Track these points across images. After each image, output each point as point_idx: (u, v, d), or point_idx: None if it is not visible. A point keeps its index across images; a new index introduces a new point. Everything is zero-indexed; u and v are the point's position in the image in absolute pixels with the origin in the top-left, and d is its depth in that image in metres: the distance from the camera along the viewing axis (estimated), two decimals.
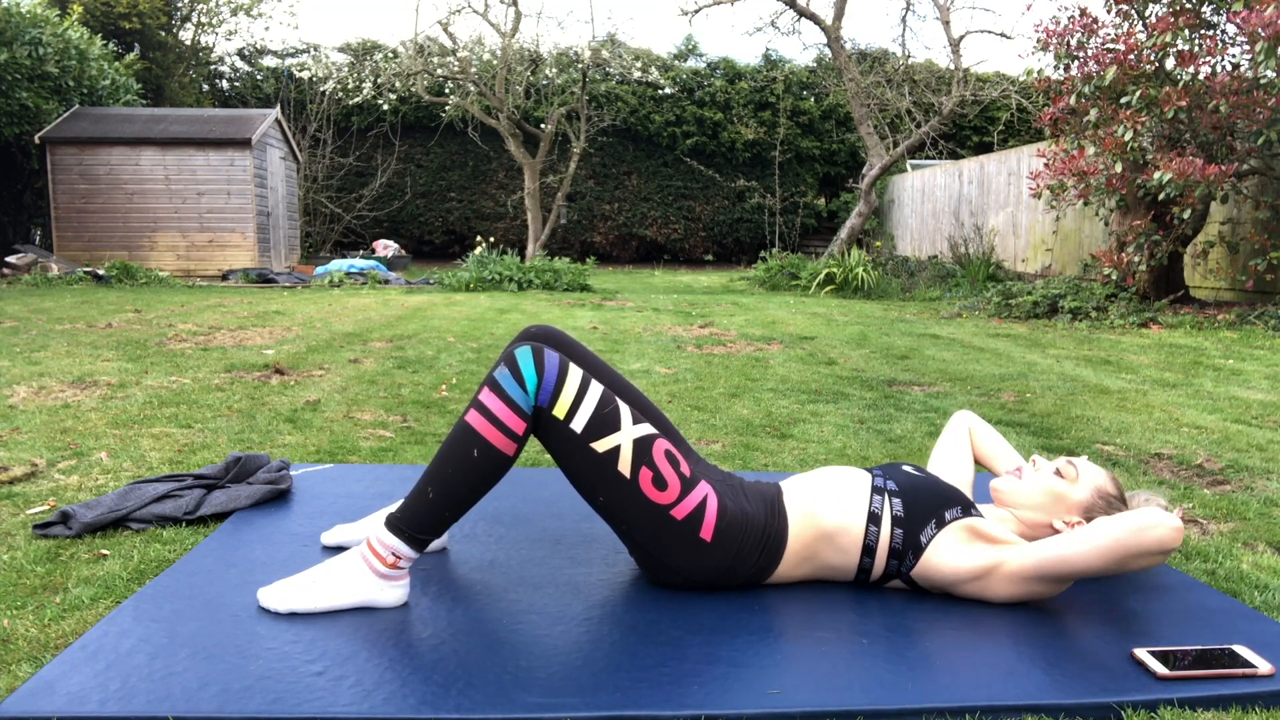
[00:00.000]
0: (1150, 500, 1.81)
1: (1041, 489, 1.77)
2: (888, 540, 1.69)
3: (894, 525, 1.70)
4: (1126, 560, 1.54)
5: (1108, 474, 1.81)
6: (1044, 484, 1.78)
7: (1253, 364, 4.95)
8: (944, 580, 1.69)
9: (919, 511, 1.70)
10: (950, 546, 1.68)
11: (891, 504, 1.71)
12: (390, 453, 2.81)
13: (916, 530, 1.69)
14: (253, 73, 18.39)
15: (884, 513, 1.70)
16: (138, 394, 3.62)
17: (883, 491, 1.73)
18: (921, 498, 1.71)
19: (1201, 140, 7.20)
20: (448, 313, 7.32)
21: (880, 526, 1.70)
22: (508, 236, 18.13)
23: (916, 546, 1.69)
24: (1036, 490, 1.78)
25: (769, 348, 5.50)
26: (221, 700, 1.29)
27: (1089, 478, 1.78)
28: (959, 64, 12.79)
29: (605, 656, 1.46)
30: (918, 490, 1.73)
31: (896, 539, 1.69)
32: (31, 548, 1.91)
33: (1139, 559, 1.54)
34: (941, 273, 11.48)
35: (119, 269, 10.42)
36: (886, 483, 1.75)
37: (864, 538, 1.70)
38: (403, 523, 1.61)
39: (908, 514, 1.70)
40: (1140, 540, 1.52)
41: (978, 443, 2.07)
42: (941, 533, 1.68)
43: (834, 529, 1.71)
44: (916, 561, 1.69)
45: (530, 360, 1.61)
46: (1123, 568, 1.56)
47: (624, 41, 15.38)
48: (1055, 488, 1.76)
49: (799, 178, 18.75)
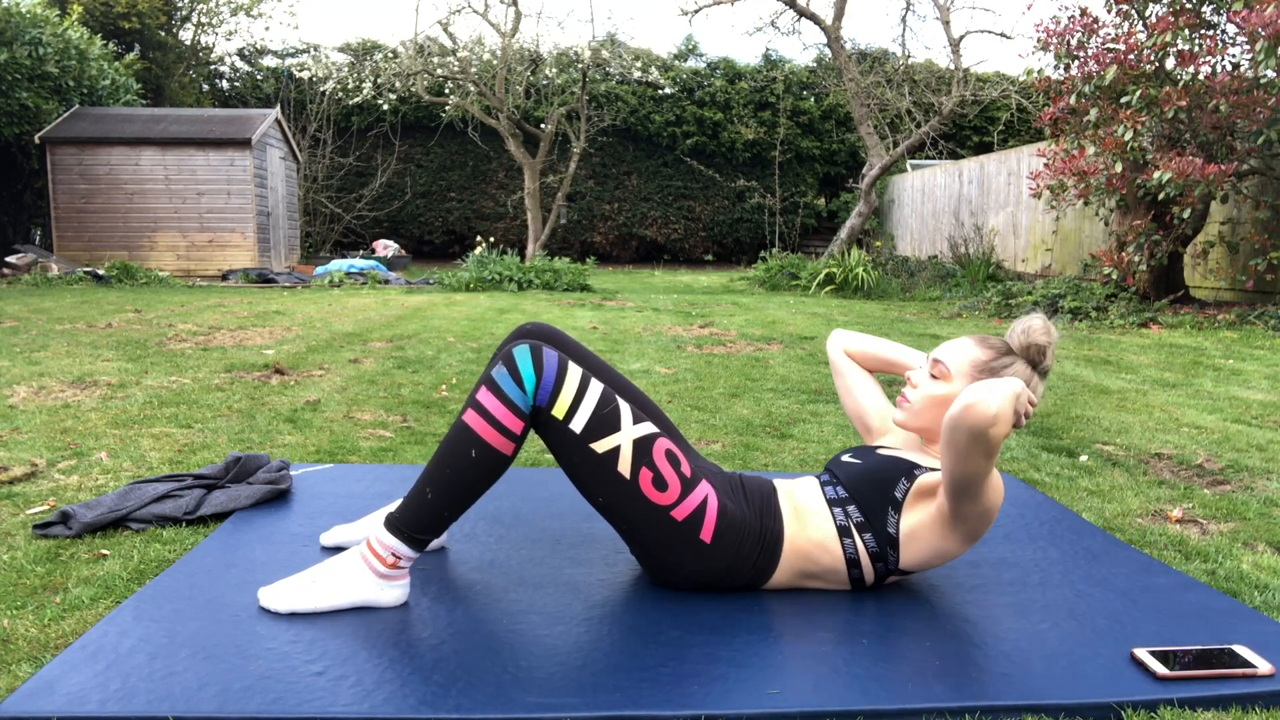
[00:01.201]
0: (1025, 326, 1.73)
1: (927, 402, 1.72)
2: (864, 548, 1.69)
3: (860, 531, 1.68)
4: (972, 445, 1.45)
5: (971, 340, 1.74)
6: (926, 396, 1.72)
7: (1253, 364, 4.95)
8: (926, 555, 1.67)
9: (874, 505, 1.68)
10: (915, 523, 1.65)
11: (849, 512, 1.69)
12: (390, 453, 2.81)
13: (881, 524, 1.67)
14: (253, 73, 18.38)
15: (849, 523, 1.69)
16: (138, 394, 3.62)
17: (837, 502, 1.71)
18: (870, 490, 1.69)
19: (1201, 140, 7.19)
20: (448, 313, 7.31)
21: (852, 538, 1.69)
22: (508, 236, 18.13)
23: (890, 540, 1.67)
24: (924, 407, 1.73)
25: (769, 348, 5.50)
26: (221, 700, 1.29)
27: (959, 360, 1.71)
28: (959, 64, 12.79)
29: (605, 656, 1.46)
30: (863, 483, 1.70)
31: (870, 543, 1.68)
32: (31, 548, 1.91)
33: (980, 442, 1.45)
34: (941, 273, 11.48)
35: (119, 269, 10.42)
36: (837, 490, 1.73)
37: (844, 553, 1.69)
38: (402, 523, 1.61)
39: (867, 514, 1.68)
40: (967, 422, 1.44)
41: (862, 359, 2.00)
42: (904, 515, 1.66)
43: (818, 543, 1.71)
44: (898, 554, 1.68)
45: (529, 359, 1.60)
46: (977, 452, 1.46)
47: (624, 41, 15.38)
48: (936, 393, 1.71)
49: (799, 178, 18.75)
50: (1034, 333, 1.72)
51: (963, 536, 1.64)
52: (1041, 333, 1.72)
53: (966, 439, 1.46)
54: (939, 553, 1.67)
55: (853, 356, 2.01)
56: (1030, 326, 1.73)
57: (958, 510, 1.59)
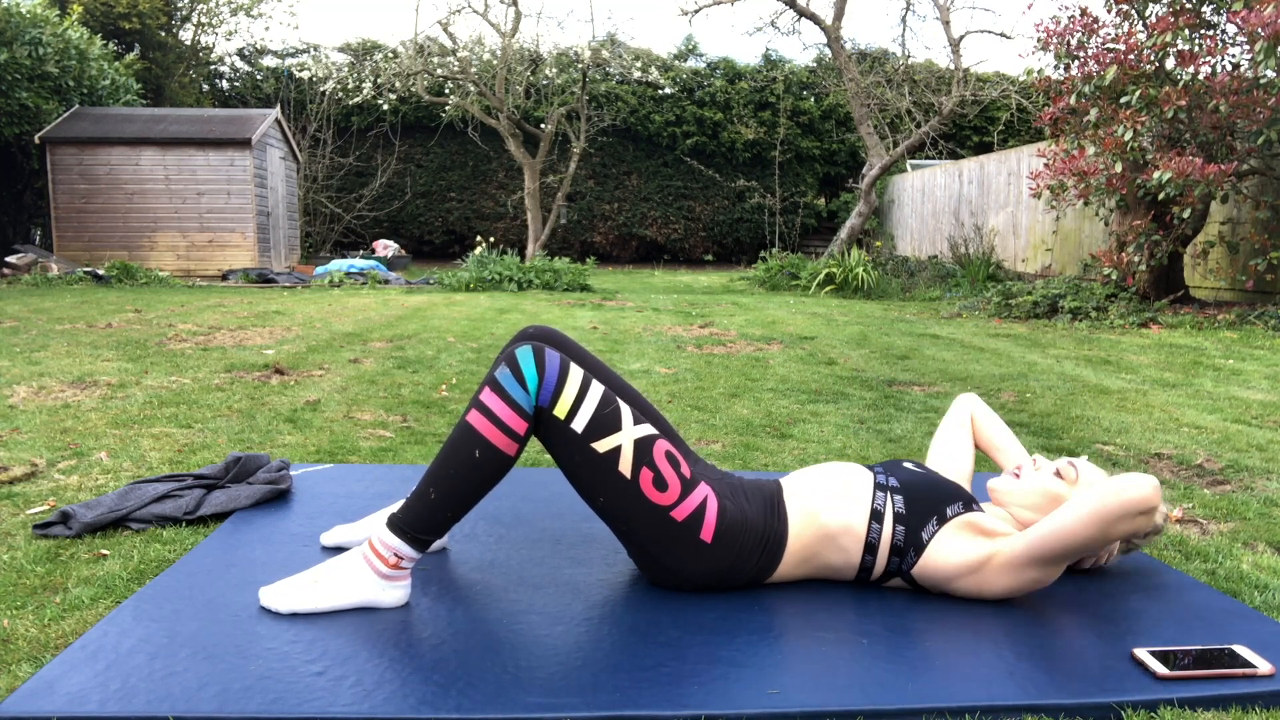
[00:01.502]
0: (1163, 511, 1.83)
1: (1040, 490, 1.76)
2: (889, 537, 1.69)
3: (895, 522, 1.69)
4: (1110, 524, 1.53)
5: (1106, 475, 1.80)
6: (1042, 485, 1.76)
7: (1253, 364, 4.95)
8: (943, 575, 1.68)
9: (921, 508, 1.69)
10: (950, 543, 1.67)
11: (894, 500, 1.70)
12: (390, 453, 2.81)
13: (918, 527, 1.68)
14: (253, 73, 18.38)
15: (886, 509, 1.70)
16: (138, 394, 3.62)
17: (885, 488, 1.72)
18: (923, 494, 1.71)
19: (1201, 140, 7.20)
20: (448, 313, 7.31)
21: (883, 524, 1.69)
22: (508, 236, 18.13)
23: (918, 543, 1.68)
24: (1034, 491, 1.76)
25: (769, 348, 5.50)
26: (221, 700, 1.29)
27: (1087, 480, 1.76)
28: (959, 64, 12.79)
29: (605, 656, 1.46)
30: (919, 487, 1.72)
31: (898, 535, 1.69)
32: (31, 548, 1.91)
33: (1121, 521, 1.53)
34: (941, 273, 11.48)
35: (119, 269, 10.42)
36: (888, 479, 1.74)
37: (866, 535, 1.69)
38: (404, 523, 1.61)
39: (909, 510, 1.69)
40: (1120, 500, 1.51)
41: (980, 429, 2.04)
42: (943, 529, 1.68)
43: (836, 528, 1.71)
44: (918, 559, 1.68)
45: (531, 360, 1.61)
46: (1108, 534, 1.55)
47: (624, 41, 15.39)
48: (1053, 489, 1.75)
49: (799, 178, 18.75)
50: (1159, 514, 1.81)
51: (998, 588, 1.67)
52: (1162, 517, 1.82)
53: (1116, 511, 1.52)
54: (949, 580, 1.69)
55: (975, 421, 2.06)
56: (1162, 510, 1.81)
57: (1027, 573, 1.64)
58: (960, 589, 1.69)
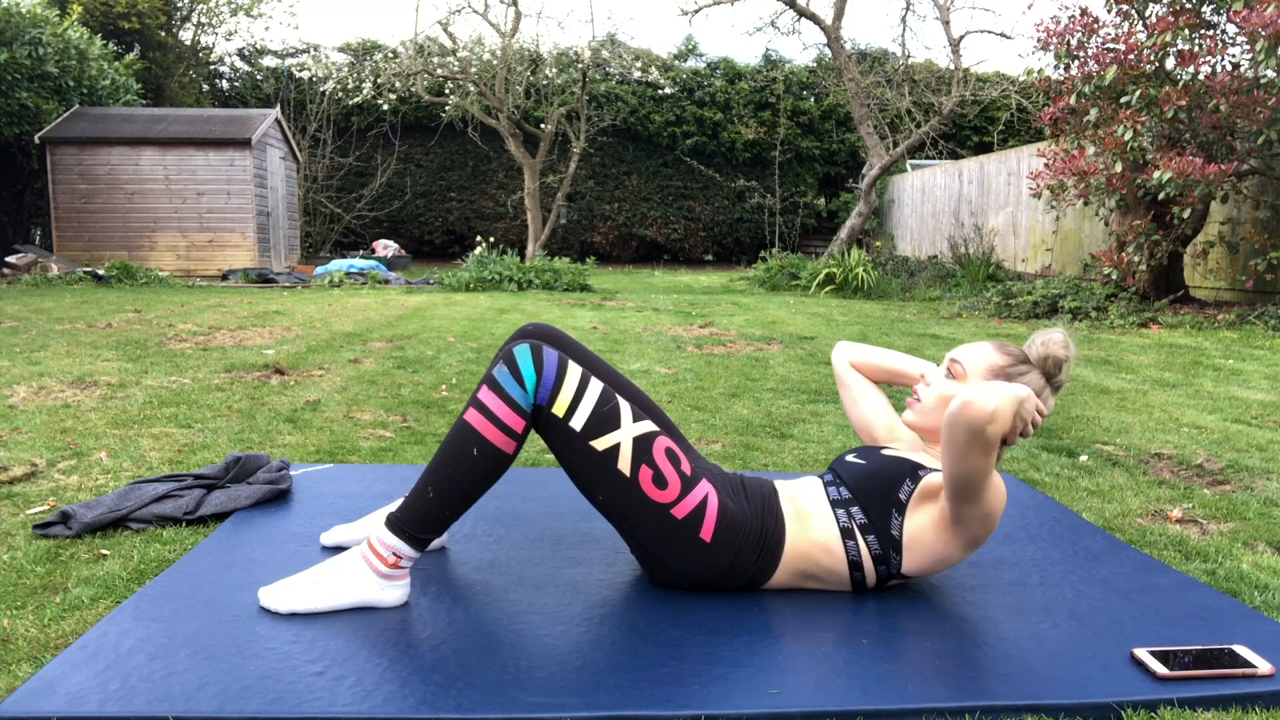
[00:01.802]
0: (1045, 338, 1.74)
1: (939, 402, 1.72)
2: (867, 550, 1.68)
3: (863, 533, 1.68)
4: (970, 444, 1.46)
5: (992, 345, 1.74)
6: (938, 394, 1.72)
7: (1253, 364, 4.95)
8: (932, 562, 1.67)
9: (877, 506, 1.67)
10: (918, 525, 1.65)
11: (853, 513, 1.69)
12: (390, 453, 2.81)
13: (885, 527, 1.67)
14: (253, 73, 18.38)
15: (852, 524, 1.68)
16: (138, 394, 3.62)
17: (841, 503, 1.70)
18: (874, 491, 1.68)
19: (1201, 140, 7.19)
20: (448, 313, 7.31)
21: (855, 539, 1.68)
22: (508, 236, 18.13)
23: (894, 543, 1.67)
24: (936, 406, 1.72)
25: (769, 348, 5.50)
26: (221, 700, 1.29)
27: (974, 366, 1.71)
28: (959, 64, 12.79)
29: (605, 656, 1.46)
30: (866, 483, 1.70)
31: (873, 545, 1.68)
32: (31, 548, 1.91)
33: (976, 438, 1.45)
34: (941, 273, 11.48)
35: (119, 269, 10.42)
36: (840, 490, 1.72)
37: (846, 554, 1.69)
38: (403, 522, 1.61)
39: (870, 516, 1.67)
40: (965, 419, 1.44)
41: (867, 370, 1.99)
42: (906, 517, 1.65)
43: (820, 544, 1.70)
44: (901, 557, 1.68)
45: (529, 358, 1.61)
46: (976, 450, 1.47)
47: (624, 41, 15.39)
48: (948, 393, 1.71)
49: (799, 178, 18.75)
50: (1053, 345, 1.73)
51: (964, 542, 1.63)
52: (1060, 346, 1.73)
53: (964, 435, 1.46)
54: (941, 558, 1.66)
55: (858, 368, 2.00)
56: (1050, 339, 1.74)
57: (958, 513, 1.59)
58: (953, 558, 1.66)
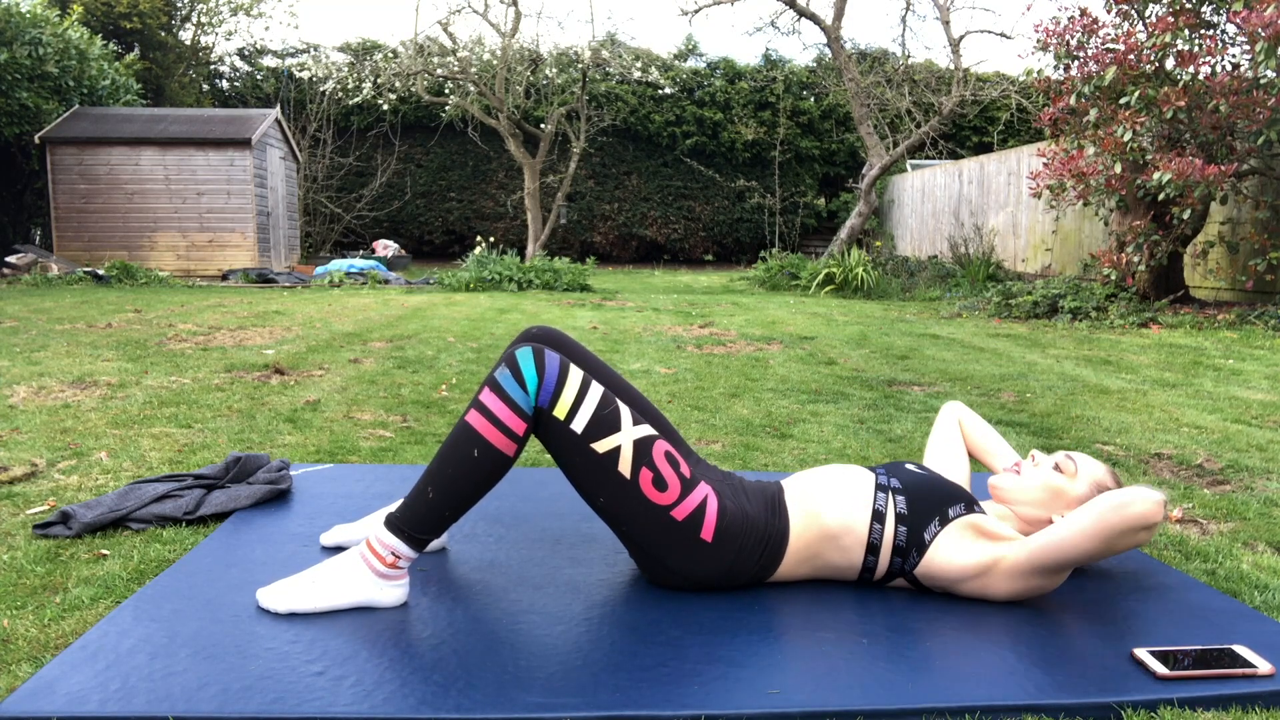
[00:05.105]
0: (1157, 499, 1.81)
1: (1040, 485, 1.77)
2: (891, 537, 1.69)
3: (898, 522, 1.69)
4: (1113, 539, 1.54)
5: (1106, 468, 1.80)
6: (1043, 480, 1.77)
7: (1253, 364, 4.95)
8: (947, 578, 1.69)
9: (923, 508, 1.69)
10: (953, 544, 1.67)
11: (895, 501, 1.71)
12: (390, 453, 2.81)
13: (920, 527, 1.68)
14: (253, 73, 18.38)
15: (888, 510, 1.70)
16: (138, 394, 3.62)
17: (886, 489, 1.73)
18: (925, 495, 1.71)
19: (1201, 140, 7.19)
20: (448, 313, 7.31)
21: (884, 524, 1.69)
22: (508, 236, 18.13)
23: (920, 544, 1.68)
24: (1035, 486, 1.77)
25: (769, 348, 5.50)
26: (221, 700, 1.29)
27: (1087, 472, 1.77)
28: (959, 64, 12.79)
29: (605, 656, 1.46)
30: (921, 487, 1.72)
31: (900, 536, 1.69)
32: (31, 548, 1.91)
33: (1124, 536, 1.54)
34: (941, 273, 11.48)
35: (119, 269, 10.42)
36: (890, 480, 1.75)
37: (868, 535, 1.70)
38: (402, 522, 1.61)
39: (911, 511, 1.70)
40: (1122, 515, 1.52)
41: (969, 435, 2.06)
42: (945, 530, 1.68)
43: (838, 528, 1.71)
44: (920, 559, 1.69)
45: (531, 361, 1.61)
46: (1111, 547, 1.56)
47: (624, 41, 15.38)
48: (1054, 483, 1.76)
49: (799, 178, 18.75)
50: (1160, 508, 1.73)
51: (1001, 593, 1.67)
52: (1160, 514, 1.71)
53: (1119, 526, 1.52)
54: (955, 581, 1.69)
55: (963, 427, 2.08)
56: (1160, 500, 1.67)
57: (1031, 580, 1.64)
58: (964, 591, 1.70)
